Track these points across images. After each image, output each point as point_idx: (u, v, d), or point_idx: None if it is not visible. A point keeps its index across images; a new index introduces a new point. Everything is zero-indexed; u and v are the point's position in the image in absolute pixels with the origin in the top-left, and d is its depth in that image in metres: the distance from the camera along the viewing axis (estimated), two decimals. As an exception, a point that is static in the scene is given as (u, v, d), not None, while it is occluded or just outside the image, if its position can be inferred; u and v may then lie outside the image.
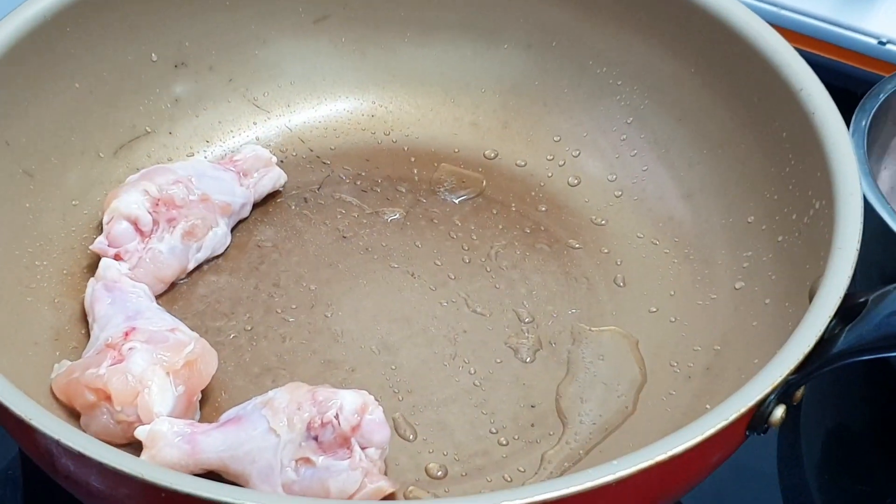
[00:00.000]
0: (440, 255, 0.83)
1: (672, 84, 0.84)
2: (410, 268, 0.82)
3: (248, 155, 0.84)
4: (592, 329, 0.79)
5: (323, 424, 0.66)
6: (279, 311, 0.80)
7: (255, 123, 0.89)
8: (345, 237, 0.84)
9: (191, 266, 0.80)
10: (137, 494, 0.59)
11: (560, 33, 0.87)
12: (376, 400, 0.68)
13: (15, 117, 0.78)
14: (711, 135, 0.82)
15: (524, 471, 0.72)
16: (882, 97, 0.81)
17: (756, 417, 0.62)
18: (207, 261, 0.82)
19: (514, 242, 0.84)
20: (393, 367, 0.77)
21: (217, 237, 0.81)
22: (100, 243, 0.78)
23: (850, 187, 0.69)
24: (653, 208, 0.84)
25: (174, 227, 0.79)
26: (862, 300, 0.65)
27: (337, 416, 0.66)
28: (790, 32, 0.81)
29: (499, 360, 0.77)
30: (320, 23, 0.89)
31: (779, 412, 0.63)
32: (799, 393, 0.64)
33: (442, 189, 0.87)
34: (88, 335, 0.75)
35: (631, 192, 0.86)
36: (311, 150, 0.89)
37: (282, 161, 0.87)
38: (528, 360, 0.77)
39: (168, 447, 0.67)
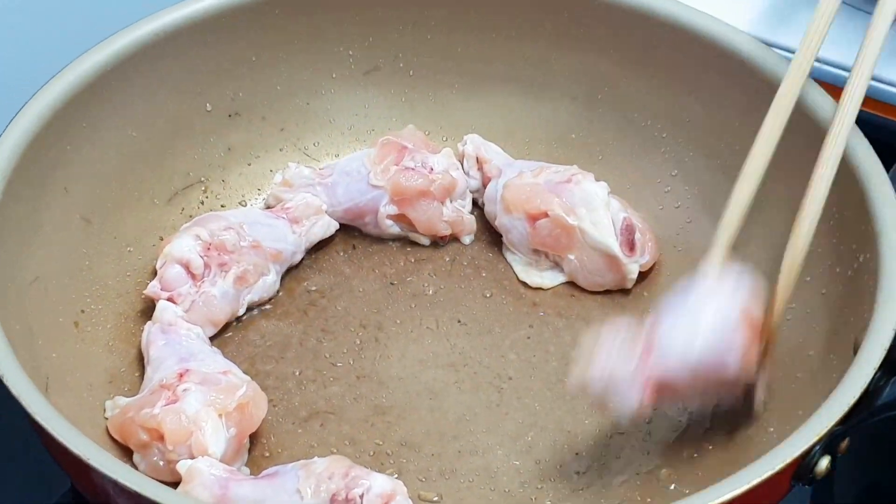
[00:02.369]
0: (486, 303, 0.84)
1: (717, 137, 0.85)
2: (457, 314, 0.83)
3: (298, 203, 0.86)
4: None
5: (347, 500, 0.67)
6: (327, 355, 0.81)
7: (305, 172, 0.91)
8: (392, 284, 0.85)
9: (241, 310, 0.82)
10: (191, 535, 0.61)
11: (606, 86, 0.89)
12: (408, 488, 0.69)
13: (74, 164, 0.80)
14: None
15: (569, 518, 0.73)
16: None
17: (802, 468, 0.63)
18: (258, 306, 0.83)
19: (559, 291, 0.85)
20: (439, 413, 0.78)
21: (267, 284, 0.83)
22: (153, 287, 0.80)
23: (896, 241, 0.70)
24: (697, 259, 0.84)
25: (226, 272, 0.80)
26: (906, 353, 0.65)
27: (362, 497, 0.67)
28: (831, 87, 0.81)
29: (544, 408, 0.78)
30: (371, 74, 0.91)
31: (824, 463, 0.63)
32: (843, 444, 0.65)
33: (487, 237, 0.88)
34: (142, 378, 0.77)
35: (675, 243, 0.86)
36: (360, 199, 0.91)
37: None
38: (574, 408, 0.78)
39: (201, 486, 0.68)
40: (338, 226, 0.87)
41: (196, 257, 0.80)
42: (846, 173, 0.74)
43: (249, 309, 0.83)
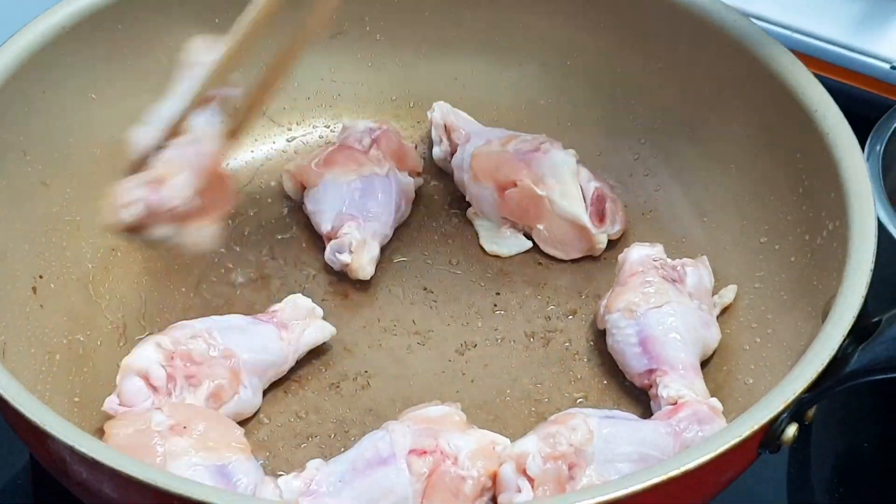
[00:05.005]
0: (453, 270, 0.83)
1: (687, 105, 0.84)
2: (423, 282, 0.82)
3: (286, 305, 0.77)
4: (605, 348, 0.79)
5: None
6: (292, 323, 0.80)
7: (270, 138, 0.90)
8: (358, 250, 0.85)
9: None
10: (150, 502, 0.60)
11: (575, 53, 0.88)
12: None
13: (32, 128, 0.79)
14: (725, 155, 0.82)
15: (535, 486, 0.72)
16: (897, 122, 0.81)
17: (769, 435, 0.62)
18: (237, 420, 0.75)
19: (526, 258, 0.84)
20: (404, 381, 0.77)
21: (242, 401, 0.73)
22: (111, 403, 0.71)
23: (865, 208, 0.70)
24: (666, 227, 0.84)
25: (196, 386, 0.72)
26: (875, 320, 0.65)
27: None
28: (803, 56, 0.81)
29: (510, 375, 0.77)
30: (337, 38, 0.90)
31: (791, 430, 0.63)
32: (811, 412, 0.64)
33: (455, 205, 0.87)
34: (105, 344, 0.77)
35: (643, 210, 0.86)
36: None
37: (296, 175, 0.88)
38: (540, 375, 0.77)
39: None
40: (335, 331, 0.78)
41: (156, 368, 0.70)
42: (816, 139, 0.74)
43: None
